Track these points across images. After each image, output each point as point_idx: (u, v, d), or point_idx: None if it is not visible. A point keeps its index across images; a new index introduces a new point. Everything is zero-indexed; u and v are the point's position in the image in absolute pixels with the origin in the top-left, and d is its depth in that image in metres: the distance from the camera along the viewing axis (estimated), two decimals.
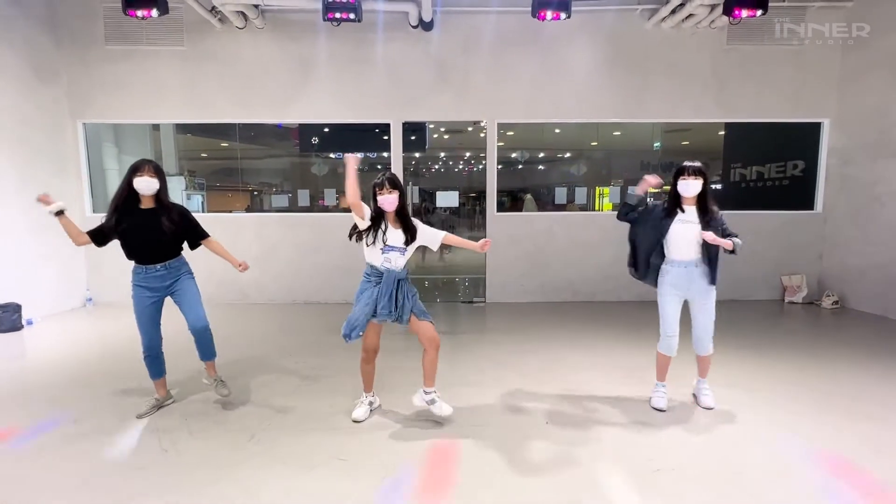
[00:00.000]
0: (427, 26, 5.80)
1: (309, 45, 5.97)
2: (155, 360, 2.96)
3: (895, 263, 5.33)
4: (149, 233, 2.74)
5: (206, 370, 3.08)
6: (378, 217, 2.67)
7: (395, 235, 2.67)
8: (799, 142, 6.55)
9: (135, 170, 2.71)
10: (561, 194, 7.21)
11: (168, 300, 2.94)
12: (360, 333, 2.68)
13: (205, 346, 2.98)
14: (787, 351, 4.19)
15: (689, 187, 2.76)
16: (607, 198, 8.08)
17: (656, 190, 8.77)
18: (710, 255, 2.79)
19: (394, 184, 2.63)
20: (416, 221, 2.75)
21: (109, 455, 2.49)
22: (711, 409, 2.97)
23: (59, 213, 2.65)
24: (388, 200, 2.62)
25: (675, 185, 2.84)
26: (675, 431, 2.72)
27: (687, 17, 5.63)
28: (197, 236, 2.94)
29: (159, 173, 2.75)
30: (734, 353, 4.05)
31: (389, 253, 2.67)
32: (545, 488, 2.18)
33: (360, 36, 5.90)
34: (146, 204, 2.77)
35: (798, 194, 6.54)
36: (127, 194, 2.72)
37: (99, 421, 2.87)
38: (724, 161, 8.01)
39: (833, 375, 3.59)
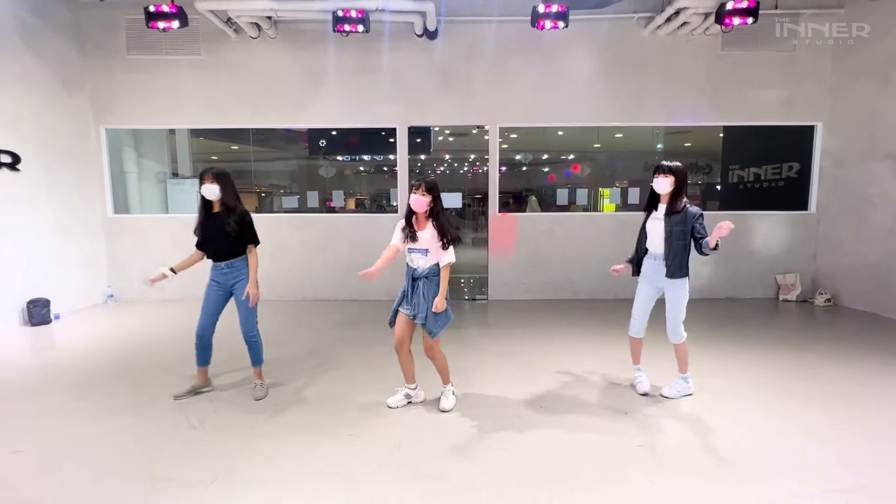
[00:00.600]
0: (432, 35, 6.06)
1: (319, 54, 6.26)
2: (203, 349, 3.22)
3: (885, 262, 5.49)
4: (216, 234, 3.03)
5: (253, 373, 3.33)
6: (410, 217, 2.84)
7: (417, 237, 2.83)
8: (794, 144, 6.72)
9: (200, 178, 3.02)
10: (563, 196, 7.44)
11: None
12: (393, 321, 2.94)
13: (252, 351, 3.25)
14: (774, 345, 4.39)
15: (659, 185, 2.99)
16: (607, 199, 8.28)
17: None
18: (672, 251, 2.97)
19: (429, 188, 2.77)
20: (443, 233, 2.78)
21: (141, 430, 2.76)
22: (669, 398, 3.12)
23: (172, 271, 3.08)
24: (418, 201, 2.76)
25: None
26: (658, 413, 2.95)
27: (682, 25, 5.84)
28: (245, 240, 3.14)
29: (220, 179, 3.01)
30: (724, 347, 4.26)
31: (412, 254, 2.87)
32: (536, 461, 2.41)
33: (367, 45, 6.17)
34: (216, 208, 3.07)
35: (793, 195, 6.71)
36: (203, 201, 3.05)
37: (128, 402, 3.16)
38: (722, 162, 8.20)
39: (819, 367, 3.79)
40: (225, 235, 3.02)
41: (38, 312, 5.22)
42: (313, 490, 2.17)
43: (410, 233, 2.82)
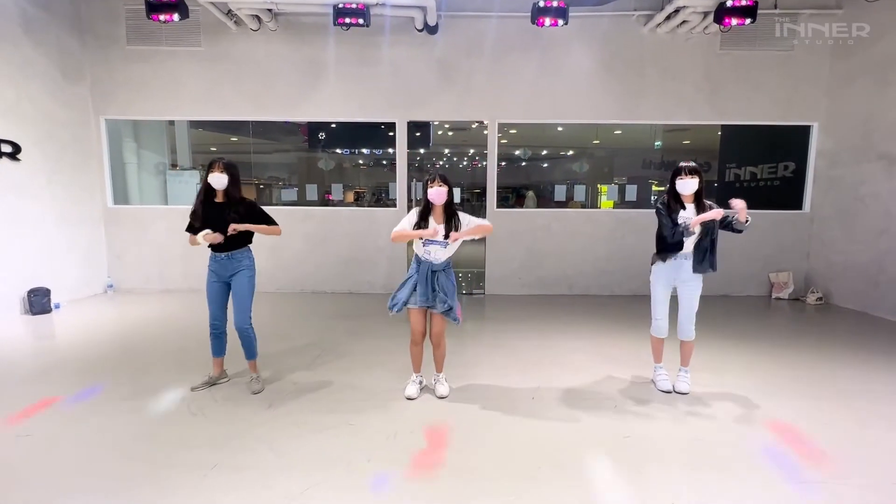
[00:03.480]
0: (432, 30, 6.08)
1: (319, 47, 6.28)
2: (217, 339, 3.25)
3: (875, 262, 5.58)
4: (217, 224, 3.01)
5: (248, 367, 3.33)
6: (426, 211, 2.90)
7: (435, 228, 2.87)
8: (790, 144, 6.78)
9: (209, 167, 3.02)
10: (560, 192, 7.50)
11: None
12: (399, 310, 2.96)
13: (244, 346, 3.24)
14: (764, 343, 4.48)
15: (687, 186, 3.00)
16: (605, 195, 8.35)
17: (661, 188, 9.08)
18: (705, 246, 3.03)
19: (444, 180, 2.85)
20: (462, 216, 2.92)
21: (143, 418, 2.83)
22: (686, 393, 3.20)
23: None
24: (438, 193, 2.83)
25: (673, 185, 3.07)
26: (645, 408, 3.03)
27: (681, 24, 5.87)
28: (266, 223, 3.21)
29: (229, 170, 3.03)
30: (716, 343, 4.34)
31: (429, 246, 2.91)
32: (526, 451, 2.49)
33: (367, 39, 6.19)
34: (219, 198, 3.08)
35: (788, 194, 6.79)
36: (206, 189, 3.05)
37: (129, 390, 3.22)
38: (719, 161, 8.26)
39: (805, 365, 3.88)
40: (225, 226, 3.03)
41: (38, 301, 5.27)
42: (310, 476, 2.24)
43: (424, 225, 2.87)
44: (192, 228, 3.09)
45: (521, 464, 2.36)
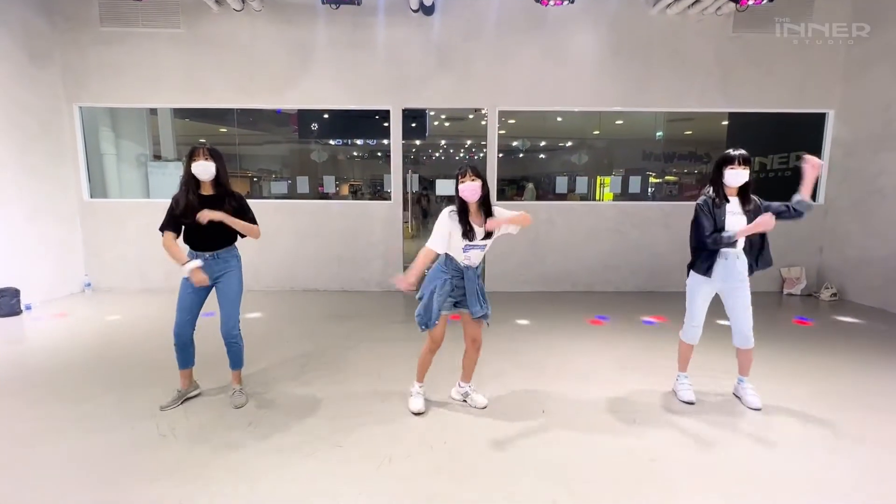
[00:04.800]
0: (428, 10, 5.70)
1: (308, 30, 5.87)
2: (183, 349, 2.86)
3: (894, 256, 5.31)
4: (207, 224, 2.62)
5: (231, 378, 3.01)
6: (463, 210, 2.54)
7: (477, 231, 2.56)
8: (802, 133, 6.48)
9: (191, 155, 2.63)
10: (562, 184, 7.16)
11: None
12: (436, 323, 2.63)
13: (232, 354, 2.91)
14: (779, 342, 4.21)
15: (739, 176, 2.67)
16: (608, 187, 8.03)
17: (658, 180, 8.79)
18: (757, 242, 2.74)
19: (476, 172, 2.52)
20: (497, 211, 2.61)
21: (106, 440, 2.50)
22: (759, 409, 2.86)
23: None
24: (471, 188, 2.49)
25: (719, 175, 2.72)
26: (671, 423, 2.74)
27: (693, 4, 5.53)
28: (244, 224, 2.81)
29: (216, 156, 2.66)
30: (728, 344, 4.06)
31: (470, 251, 2.58)
32: (538, 476, 2.19)
33: (359, 20, 5.79)
34: (206, 190, 2.70)
35: (800, 186, 6.48)
36: (190, 181, 2.65)
37: (97, 405, 2.89)
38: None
39: (825, 367, 3.61)
40: (218, 224, 2.65)
41: (6, 303, 4.90)
42: None
43: (469, 230, 2.52)
44: (175, 226, 2.69)
45: (537, 497, 2.06)
